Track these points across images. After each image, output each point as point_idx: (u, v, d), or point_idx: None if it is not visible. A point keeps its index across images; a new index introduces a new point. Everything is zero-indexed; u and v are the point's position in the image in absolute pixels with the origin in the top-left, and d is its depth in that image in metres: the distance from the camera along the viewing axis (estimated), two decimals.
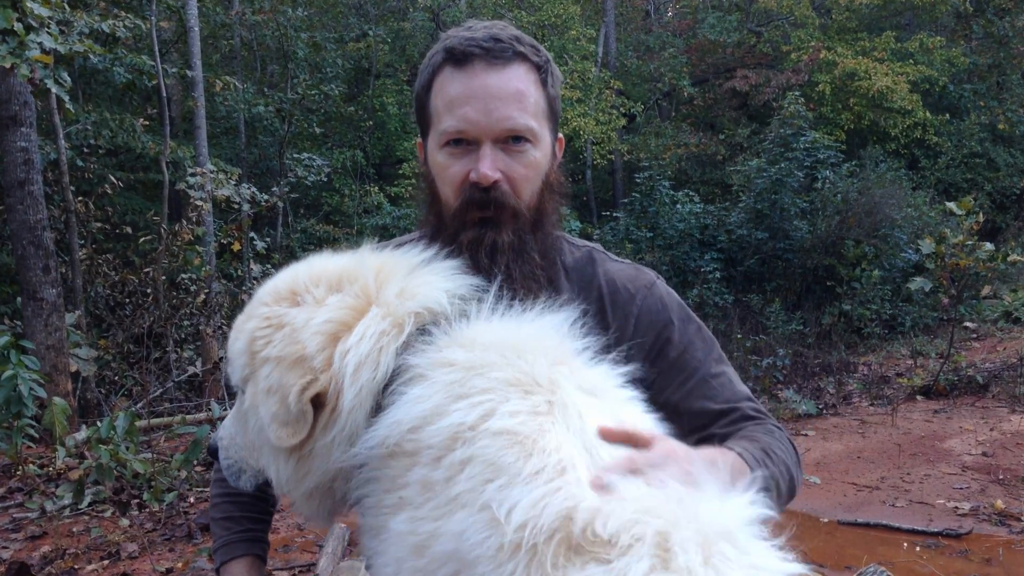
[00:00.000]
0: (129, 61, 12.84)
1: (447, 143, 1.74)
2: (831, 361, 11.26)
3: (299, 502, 1.53)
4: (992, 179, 19.36)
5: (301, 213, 18.03)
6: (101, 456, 5.93)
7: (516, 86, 1.72)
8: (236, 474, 1.69)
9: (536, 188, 1.79)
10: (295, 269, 1.59)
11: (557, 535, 1.13)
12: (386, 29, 20.57)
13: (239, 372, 1.52)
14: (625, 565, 1.08)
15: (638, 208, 15.92)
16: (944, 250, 9.14)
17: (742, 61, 22.44)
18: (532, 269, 1.77)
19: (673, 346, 1.85)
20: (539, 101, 1.76)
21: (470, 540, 1.17)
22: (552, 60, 1.83)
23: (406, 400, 1.33)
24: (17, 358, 6.32)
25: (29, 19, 5.95)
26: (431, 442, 1.27)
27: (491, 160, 1.70)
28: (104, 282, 10.06)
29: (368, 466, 1.37)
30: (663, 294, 1.91)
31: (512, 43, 1.73)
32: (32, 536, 5.41)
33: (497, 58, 1.71)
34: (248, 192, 10.70)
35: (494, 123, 1.69)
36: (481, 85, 1.70)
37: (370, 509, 1.38)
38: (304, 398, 1.38)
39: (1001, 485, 6.23)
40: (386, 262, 1.56)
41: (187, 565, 4.95)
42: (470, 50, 1.71)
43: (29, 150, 7.57)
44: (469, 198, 1.73)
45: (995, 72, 21.51)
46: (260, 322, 1.48)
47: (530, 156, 1.75)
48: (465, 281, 1.55)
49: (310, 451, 1.44)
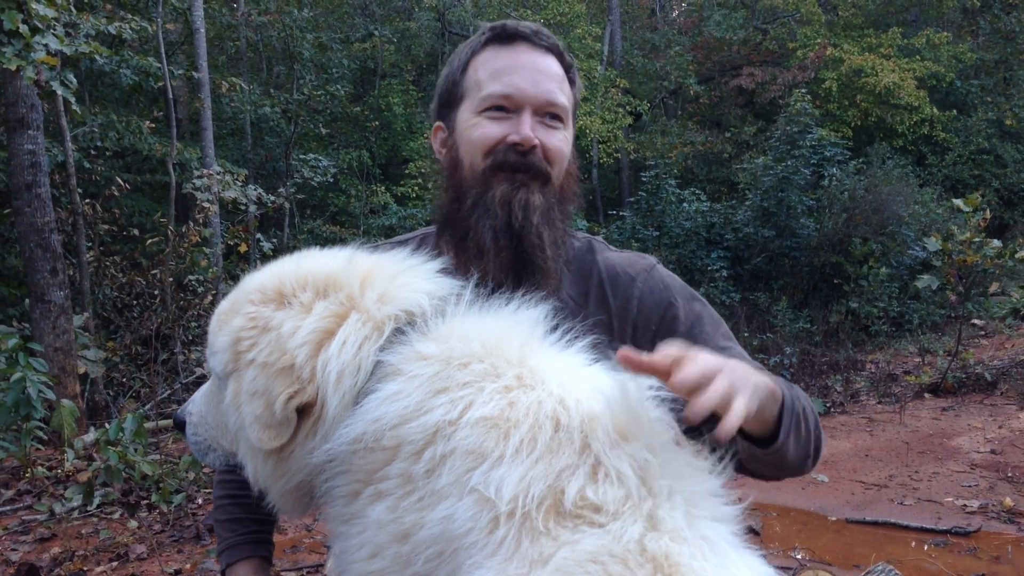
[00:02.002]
0: (135, 63, 12.84)
1: (487, 109, 1.78)
2: (839, 359, 11.23)
3: (275, 498, 1.54)
4: (1000, 175, 19.27)
5: (307, 214, 18.02)
6: (110, 458, 5.95)
7: (556, 70, 1.82)
8: (204, 451, 1.71)
9: (564, 168, 1.85)
10: (282, 267, 1.58)
11: (547, 502, 1.18)
12: (392, 29, 20.56)
13: (221, 365, 1.52)
14: (620, 527, 1.15)
15: (644, 207, 15.90)
16: (951, 247, 9.11)
17: (748, 59, 22.38)
18: (557, 236, 1.80)
19: (680, 322, 1.86)
20: (569, 95, 1.85)
21: (459, 520, 1.21)
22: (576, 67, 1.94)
23: (383, 396, 1.35)
24: (25, 360, 6.34)
25: (35, 21, 5.96)
26: (412, 438, 1.29)
27: (532, 125, 1.76)
28: (112, 284, 10.08)
29: (341, 459, 1.38)
30: (664, 275, 1.92)
31: (550, 38, 1.84)
32: (41, 538, 5.43)
33: (540, 45, 1.82)
34: (254, 193, 10.71)
35: (540, 93, 1.77)
36: (529, 59, 1.79)
37: (342, 498, 1.40)
38: (290, 407, 1.40)
39: (1010, 483, 6.21)
40: (372, 267, 1.56)
41: (195, 566, 4.97)
42: (517, 32, 1.81)
43: (36, 153, 7.60)
44: (503, 159, 1.76)
45: (1002, 68, 21.41)
46: (246, 321, 1.48)
47: (563, 134, 1.82)
48: (447, 282, 1.56)
49: (290, 454, 1.45)
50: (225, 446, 1.65)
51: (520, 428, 1.26)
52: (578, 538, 1.15)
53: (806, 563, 4.97)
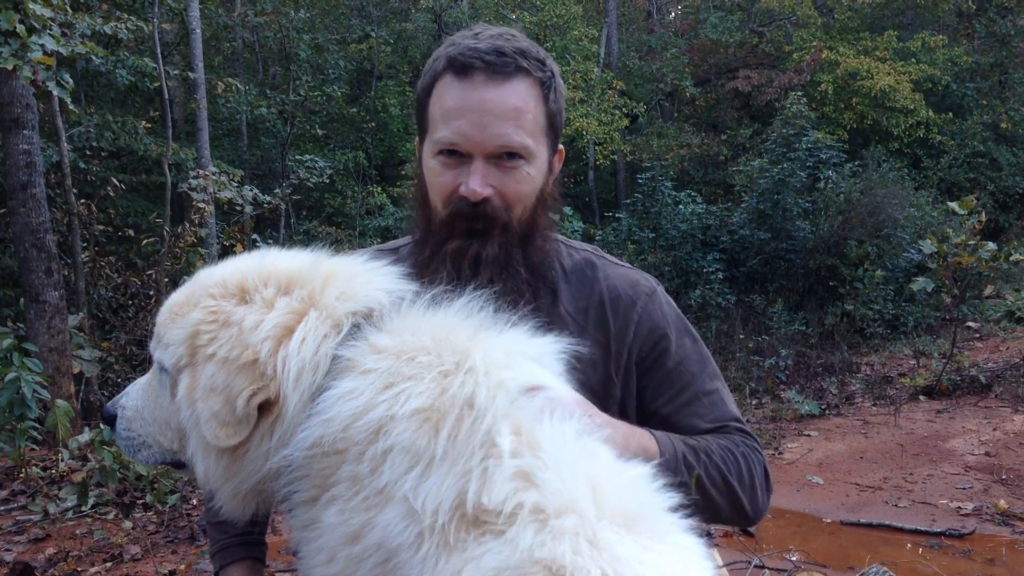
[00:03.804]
0: (131, 63, 12.85)
1: (440, 152, 1.73)
2: (834, 361, 11.25)
3: (224, 499, 1.50)
4: (995, 178, 19.32)
5: (303, 215, 18.04)
6: (104, 458, 5.94)
7: (514, 103, 1.69)
8: (135, 448, 1.64)
9: (530, 204, 1.78)
10: (245, 263, 1.56)
11: (458, 511, 1.17)
12: (388, 30, 20.58)
13: (173, 358, 1.48)
14: (516, 534, 1.13)
15: (640, 209, 15.91)
16: (947, 250, 9.13)
17: (744, 61, 22.43)
18: (517, 283, 1.75)
19: (670, 357, 1.85)
20: (538, 117, 1.73)
21: (393, 532, 1.21)
22: (558, 74, 1.81)
23: (337, 395, 1.33)
24: (20, 360, 6.33)
25: (31, 21, 5.95)
26: (358, 438, 1.28)
27: (482, 176, 1.69)
28: (107, 284, 10.07)
29: (300, 464, 1.36)
30: (663, 303, 1.90)
31: (515, 57, 1.70)
32: (35, 538, 5.42)
33: (498, 73, 1.68)
34: (250, 194, 10.70)
35: (487, 139, 1.68)
36: (479, 99, 1.68)
37: (301, 504, 1.38)
38: (252, 404, 1.37)
39: (1004, 485, 6.23)
40: (335, 267, 1.55)
41: (190, 567, 4.96)
42: (471, 61, 1.68)
43: (32, 153, 7.58)
44: (457, 210, 1.72)
45: (997, 71, 21.47)
46: (205, 315, 1.45)
47: (523, 172, 1.73)
48: (407, 283, 1.55)
49: (244, 453, 1.42)
50: (163, 443, 1.60)
51: (448, 419, 1.25)
52: (481, 552, 1.14)
53: (800, 565, 4.97)
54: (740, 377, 9.97)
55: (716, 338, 12.22)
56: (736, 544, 5.18)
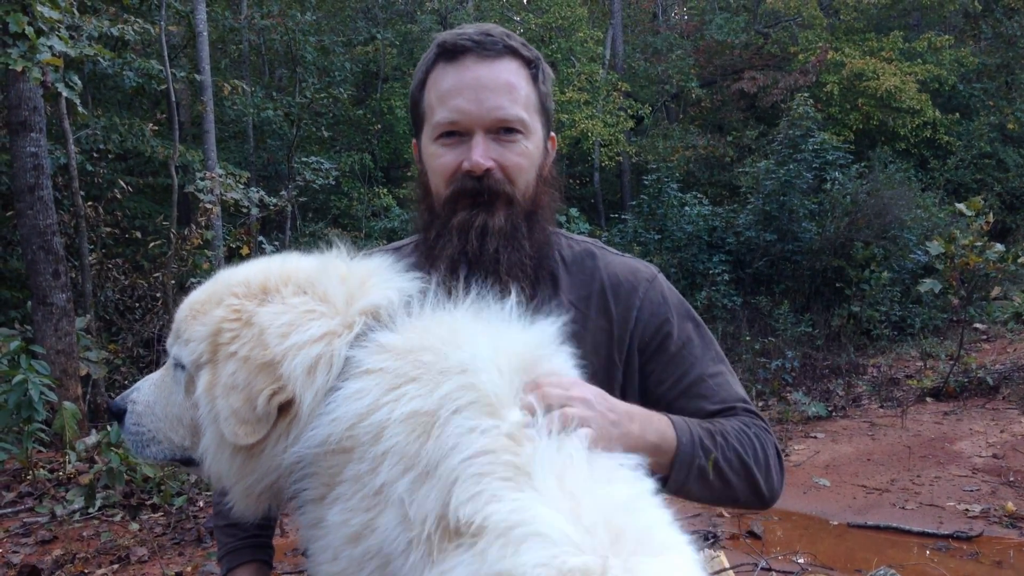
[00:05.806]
0: (138, 65, 12.87)
1: (440, 135, 1.77)
2: (840, 363, 11.22)
3: (237, 497, 1.51)
4: (1002, 179, 19.26)
5: (310, 217, 18.04)
6: (111, 460, 5.95)
7: (507, 78, 1.75)
8: (144, 444, 1.63)
9: (531, 178, 1.81)
10: (268, 264, 1.59)
11: (441, 523, 1.18)
12: (394, 32, 20.59)
13: (193, 355, 1.49)
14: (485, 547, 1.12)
15: (646, 210, 15.90)
16: (954, 251, 9.10)
17: (750, 62, 22.39)
18: (521, 257, 1.78)
19: (672, 341, 1.86)
20: (530, 95, 1.79)
21: (390, 536, 1.22)
22: (543, 59, 1.86)
23: (345, 395, 1.35)
24: (27, 363, 6.35)
25: (39, 23, 5.98)
26: (363, 438, 1.30)
27: (483, 148, 1.74)
28: (114, 286, 10.10)
29: (309, 461, 1.38)
30: (664, 289, 1.92)
31: (503, 38, 1.77)
32: (43, 540, 5.44)
33: (488, 51, 1.75)
34: (257, 196, 10.71)
35: (485, 112, 1.73)
36: (473, 77, 1.74)
37: (309, 502, 1.39)
38: (273, 404, 1.39)
39: (1012, 487, 6.20)
40: (351, 268, 1.57)
41: (196, 569, 4.97)
42: (461, 43, 1.75)
43: (39, 155, 7.60)
44: (461, 187, 1.76)
45: (1004, 72, 21.42)
46: (229, 313, 1.47)
47: (522, 146, 1.78)
48: (417, 283, 1.57)
49: (260, 451, 1.43)
50: (174, 439, 1.60)
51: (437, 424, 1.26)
52: (452, 566, 1.13)
53: (807, 567, 4.97)
54: (746, 379, 9.94)
55: (722, 340, 12.17)
56: (743, 546, 5.18)
